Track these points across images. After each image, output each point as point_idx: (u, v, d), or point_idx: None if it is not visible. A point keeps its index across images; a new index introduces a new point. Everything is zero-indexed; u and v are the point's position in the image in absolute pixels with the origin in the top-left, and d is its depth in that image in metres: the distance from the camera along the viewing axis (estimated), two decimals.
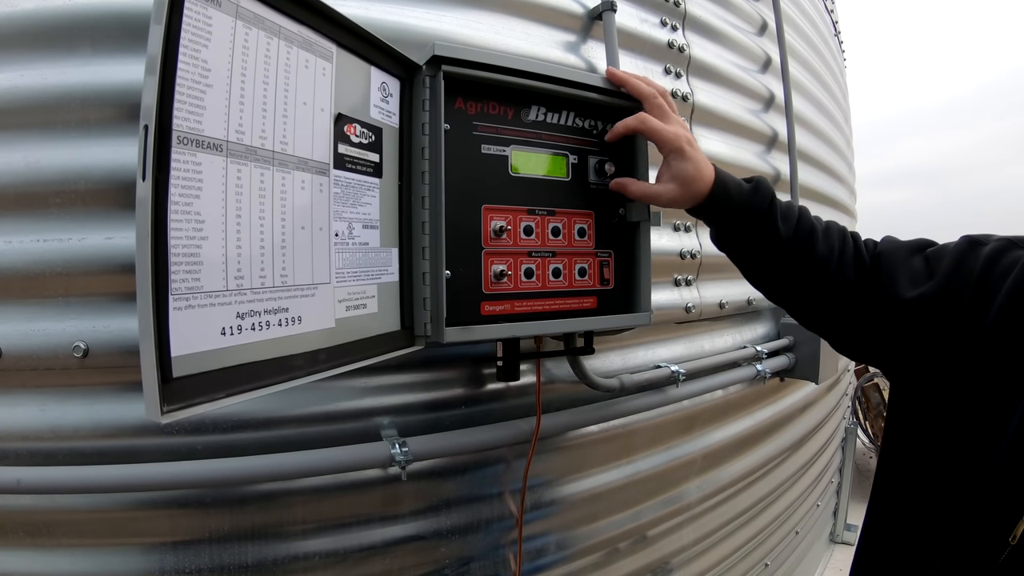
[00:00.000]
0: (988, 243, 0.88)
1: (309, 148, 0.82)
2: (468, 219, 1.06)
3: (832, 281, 0.97)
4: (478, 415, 1.33)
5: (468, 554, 1.36)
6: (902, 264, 0.94)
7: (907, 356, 0.92)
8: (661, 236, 1.70)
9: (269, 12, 0.76)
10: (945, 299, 0.86)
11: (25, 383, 1.09)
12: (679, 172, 1.04)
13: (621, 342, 1.60)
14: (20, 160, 1.07)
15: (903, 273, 0.93)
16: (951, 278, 0.87)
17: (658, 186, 1.07)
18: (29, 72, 1.08)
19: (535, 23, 1.47)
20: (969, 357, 0.83)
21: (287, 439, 1.16)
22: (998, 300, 0.80)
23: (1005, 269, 0.82)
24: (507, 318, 1.10)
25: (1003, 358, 0.79)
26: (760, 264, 1.06)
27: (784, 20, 2.35)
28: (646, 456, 1.70)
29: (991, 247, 0.86)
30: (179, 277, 0.64)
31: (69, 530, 1.12)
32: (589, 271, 1.20)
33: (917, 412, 0.93)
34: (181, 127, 0.64)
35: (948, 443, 0.86)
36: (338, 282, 0.89)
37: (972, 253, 0.88)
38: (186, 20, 0.64)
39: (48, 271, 1.08)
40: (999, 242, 0.87)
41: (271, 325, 0.76)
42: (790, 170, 2.29)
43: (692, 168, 1.03)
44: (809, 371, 2.15)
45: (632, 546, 1.70)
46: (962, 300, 0.84)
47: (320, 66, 0.85)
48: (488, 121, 1.09)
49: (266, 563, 1.17)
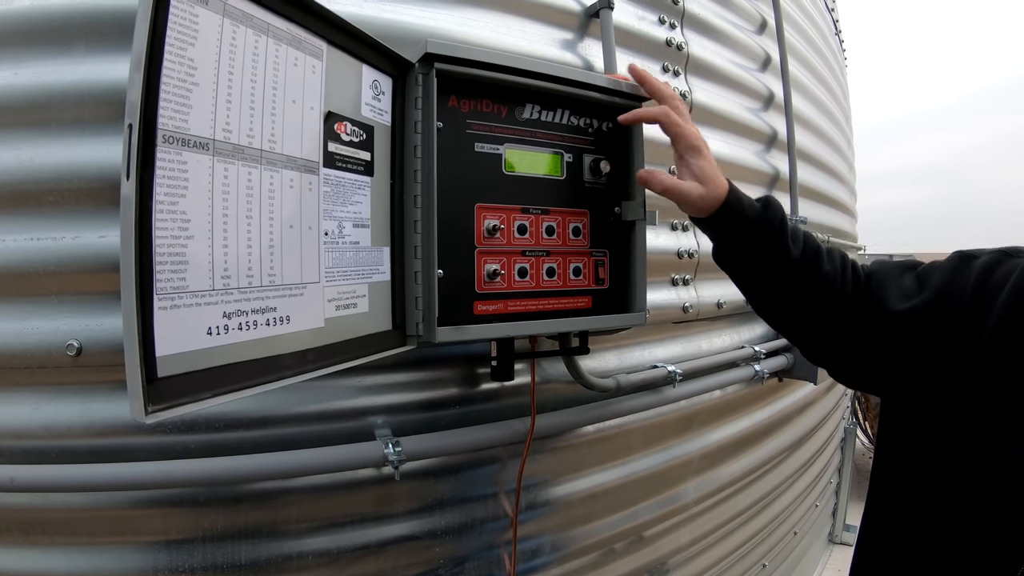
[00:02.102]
0: (980, 256, 0.88)
1: (298, 146, 0.82)
2: (461, 218, 1.06)
3: (836, 300, 0.97)
4: (472, 415, 1.33)
5: (462, 554, 1.36)
6: (893, 281, 0.94)
7: (902, 372, 0.91)
8: (658, 235, 1.69)
9: (257, 10, 0.75)
10: (937, 313, 0.86)
11: (18, 381, 1.09)
12: (700, 170, 1.01)
13: (617, 342, 1.60)
14: (14, 158, 1.07)
15: (894, 289, 0.93)
16: (942, 292, 0.87)
17: (685, 182, 1.03)
18: (23, 70, 1.08)
19: (532, 21, 1.46)
20: (965, 369, 0.82)
21: (281, 438, 1.16)
22: (994, 313, 0.80)
23: (999, 282, 0.82)
24: (500, 318, 1.10)
25: (1002, 371, 0.79)
26: (766, 282, 1.03)
27: (784, 18, 2.34)
28: (643, 456, 1.69)
29: (983, 260, 0.86)
30: (164, 277, 0.63)
31: (63, 528, 1.12)
32: (584, 270, 1.20)
33: (911, 426, 0.93)
34: (166, 125, 0.64)
35: (947, 453, 0.86)
36: (328, 281, 0.88)
37: (964, 267, 0.88)
38: (172, 18, 0.64)
39: (41, 269, 1.08)
40: (992, 255, 0.87)
41: (259, 325, 0.76)
42: (789, 169, 2.28)
43: (710, 168, 1.01)
44: (807, 371, 2.14)
45: (628, 546, 1.70)
46: (956, 314, 0.84)
47: (310, 64, 0.84)
48: (482, 119, 1.09)
49: (259, 562, 1.16)
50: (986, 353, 0.80)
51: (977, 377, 0.81)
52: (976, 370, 0.81)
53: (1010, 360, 0.78)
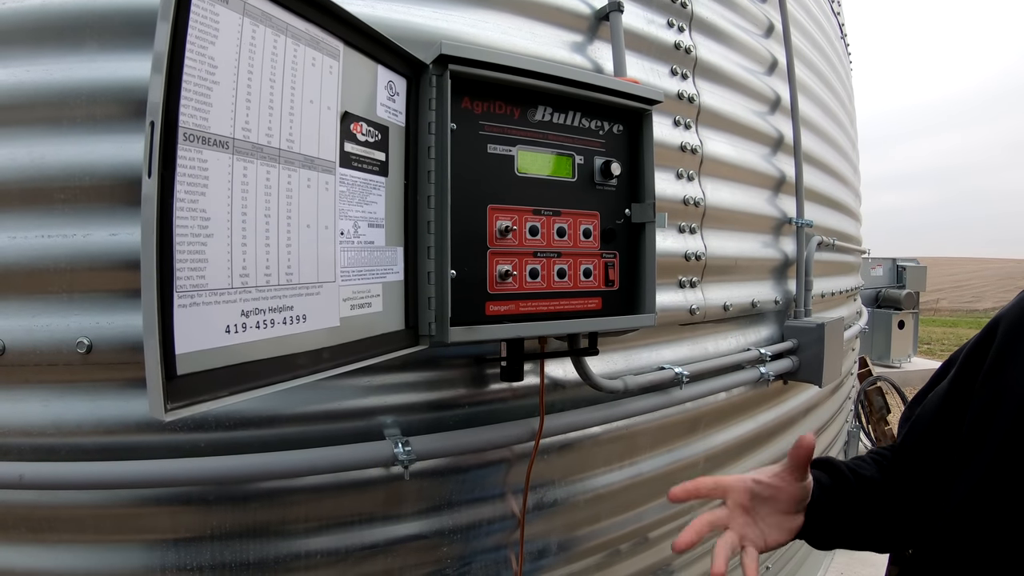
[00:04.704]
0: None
1: (315, 146, 0.82)
2: (473, 219, 1.06)
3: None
4: (481, 415, 1.33)
5: (470, 554, 1.36)
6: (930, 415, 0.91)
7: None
8: (666, 238, 1.69)
9: (277, 9, 0.75)
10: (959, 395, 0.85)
11: (28, 379, 1.09)
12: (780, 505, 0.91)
13: (625, 343, 1.60)
14: (25, 155, 1.08)
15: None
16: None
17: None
18: (35, 68, 1.09)
19: (542, 23, 1.47)
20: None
21: (290, 437, 1.16)
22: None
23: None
24: (512, 318, 1.10)
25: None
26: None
27: (791, 22, 2.35)
28: (649, 457, 1.70)
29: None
30: (184, 275, 0.63)
31: (71, 526, 1.12)
32: (594, 272, 1.20)
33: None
34: (187, 124, 0.64)
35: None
36: (343, 281, 0.89)
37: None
38: (193, 17, 0.64)
39: (52, 267, 1.08)
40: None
41: (276, 323, 0.76)
42: (795, 173, 2.29)
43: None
44: (812, 374, 2.15)
45: (634, 547, 1.70)
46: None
47: (327, 64, 0.84)
48: (494, 121, 1.09)
49: (267, 561, 1.17)
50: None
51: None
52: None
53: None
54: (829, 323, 2.16)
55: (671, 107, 1.75)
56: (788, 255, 2.27)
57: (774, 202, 2.22)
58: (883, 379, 6.27)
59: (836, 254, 2.96)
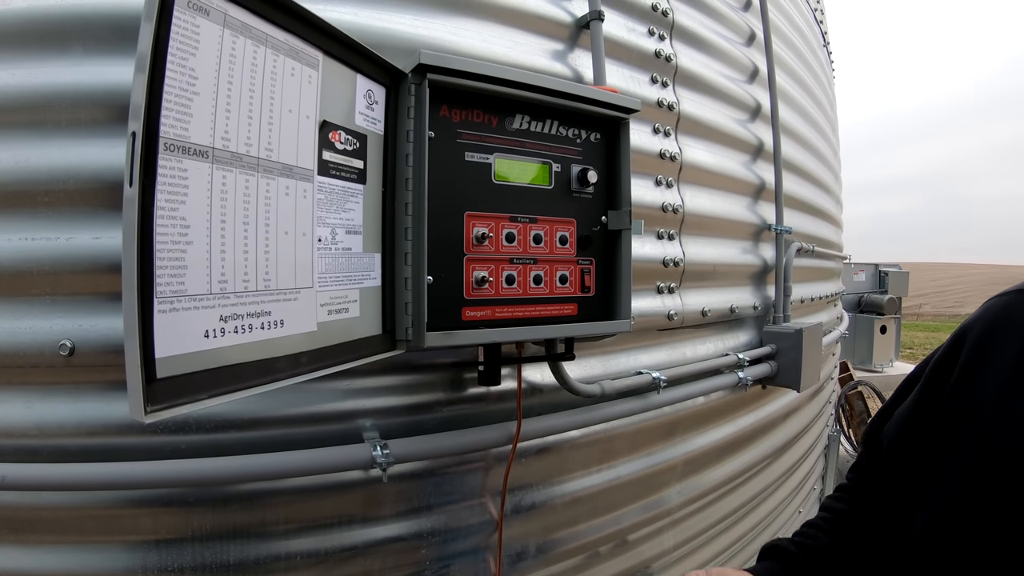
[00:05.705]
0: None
1: (294, 155, 0.84)
2: (451, 225, 1.08)
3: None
4: (459, 418, 1.35)
5: (448, 556, 1.37)
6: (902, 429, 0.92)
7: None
8: (644, 244, 1.72)
9: (257, 21, 0.77)
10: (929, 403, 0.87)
11: (11, 380, 1.10)
12: None
13: (603, 348, 1.62)
14: (9, 159, 1.09)
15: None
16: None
17: None
18: (20, 71, 1.10)
19: (523, 31, 1.49)
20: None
21: (270, 440, 1.17)
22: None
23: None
24: (488, 324, 1.12)
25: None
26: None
27: (772, 30, 2.38)
28: (627, 461, 1.72)
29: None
30: (164, 281, 0.65)
31: (53, 527, 1.13)
32: (570, 278, 1.22)
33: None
34: (168, 134, 0.66)
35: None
36: (321, 286, 0.90)
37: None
38: (174, 28, 0.66)
39: (36, 269, 1.09)
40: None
41: (254, 328, 0.78)
42: (775, 180, 2.32)
43: None
44: (791, 379, 2.18)
45: (613, 550, 1.72)
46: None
47: (306, 74, 0.86)
48: (472, 129, 1.11)
49: (248, 562, 1.18)
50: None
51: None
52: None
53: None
54: (807, 328, 2.19)
55: (651, 114, 1.78)
56: (767, 261, 2.30)
57: (754, 209, 2.25)
58: (863, 383, 6.35)
59: (816, 260, 3.00)
